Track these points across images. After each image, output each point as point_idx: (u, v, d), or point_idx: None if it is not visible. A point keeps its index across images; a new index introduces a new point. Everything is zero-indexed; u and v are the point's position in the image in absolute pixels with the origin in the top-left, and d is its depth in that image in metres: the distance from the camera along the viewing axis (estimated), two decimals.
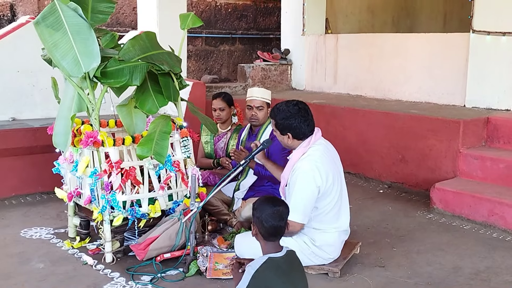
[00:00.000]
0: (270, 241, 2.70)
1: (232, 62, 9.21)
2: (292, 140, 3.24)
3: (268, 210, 2.68)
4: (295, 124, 3.20)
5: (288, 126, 3.21)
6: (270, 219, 2.66)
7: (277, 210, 2.68)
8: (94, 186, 3.52)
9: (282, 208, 2.71)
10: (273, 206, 2.69)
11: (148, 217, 3.66)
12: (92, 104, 3.54)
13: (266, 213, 2.67)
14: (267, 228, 2.67)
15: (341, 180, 3.36)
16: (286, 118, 3.21)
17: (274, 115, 3.27)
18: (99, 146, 3.50)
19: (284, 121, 3.21)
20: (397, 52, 6.48)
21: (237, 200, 4.27)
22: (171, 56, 3.77)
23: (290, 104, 3.26)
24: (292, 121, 3.20)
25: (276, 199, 2.79)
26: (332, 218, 3.30)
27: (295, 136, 3.23)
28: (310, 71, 7.63)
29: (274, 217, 2.67)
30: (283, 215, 2.70)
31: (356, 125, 5.87)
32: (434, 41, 6.16)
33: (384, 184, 5.58)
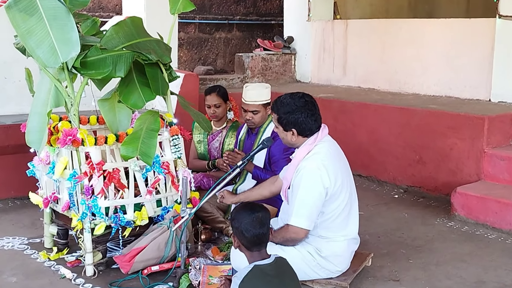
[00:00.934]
0: (255, 251, 2.72)
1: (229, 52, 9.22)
2: (296, 137, 3.24)
3: (246, 218, 2.71)
4: (301, 119, 3.21)
5: (293, 121, 3.21)
6: (250, 228, 2.69)
7: (256, 217, 2.71)
8: (73, 190, 3.52)
9: (262, 213, 2.74)
10: (251, 212, 2.72)
11: (133, 225, 3.67)
12: (71, 98, 3.54)
13: (245, 221, 2.70)
14: (249, 238, 2.70)
15: (351, 182, 3.37)
16: (291, 112, 3.21)
17: (277, 109, 3.27)
18: (79, 146, 3.50)
19: (289, 116, 3.21)
20: (414, 40, 6.48)
21: (234, 206, 4.26)
22: (159, 45, 3.77)
23: (296, 96, 3.26)
24: (297, 116, 3.20)
25: (254, 205, 2.82)
26: (341, 225, 3.31)
27: (300, 133, 3.23)
28: (317, 61, 7.63)
29: (254, 225, 2.69)
30: (264, 220, 2.73)
31: (367, 122, 5.87)
32: (455, 27, 6.17)
33: (399, 188, 5.59)
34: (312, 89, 6.97)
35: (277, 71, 7.75)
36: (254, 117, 4.14)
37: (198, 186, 4.41)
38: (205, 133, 4.70)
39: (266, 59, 7.67)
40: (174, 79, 3.94)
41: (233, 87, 7.29)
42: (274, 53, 7.75)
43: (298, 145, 3.29)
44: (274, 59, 7.74)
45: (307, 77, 7.77)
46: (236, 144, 4.44)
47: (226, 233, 4.19)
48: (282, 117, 3.23)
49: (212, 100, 4.60)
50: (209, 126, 4.24)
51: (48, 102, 3.51)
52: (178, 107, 4.82)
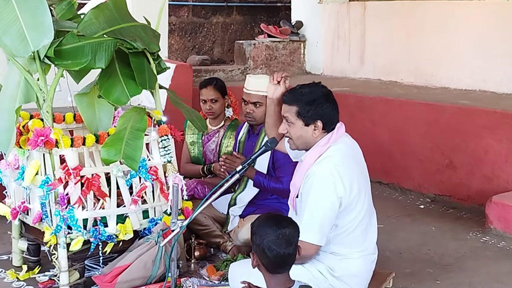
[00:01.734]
0: (276, 274, 2.69)
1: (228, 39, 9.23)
2: (320, 132, 3.22)
3: (270, 234, 2.66)
4: (328, 109, 3.20)
5: (321, 111, 3.18)
6: (274, 246, 2.65)
7: (282, 234, 2.67)
8: (45, 199, 3.51)
9: (290, 230, 2.70)
10: (277, 228, 2.67)
11: (116, 240, 3.66)
12: (43, 93, 3.54)
13: (268, 238, 2.65)
14: (272, 258, 2.66)
15: (369, 190, 3.35)
16: (318, 100, 3.19)
17: (296, 99, 3.22)
18: (52, 148, 3.50)
19: (317, 105, 3.18)
20: (443, 25, 6.48)
21: (233, 218, 4.27)
22: (146, 31, 3.77)
23: (317, 85, 3.27)
24: (325, 104, 3.19)
25: (281, 218, 2.79)
26: (357, 240, 3.29)
27: (326, 126, 3.22)
28: (330, 49, 7.63)
29: (279, 244, 2.65)
30: (292, 239, 2.68)
31: (389, 120, 5.87)
32: (491, 9, 6.15)
33: (425, 197, 5.58)
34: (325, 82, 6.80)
35: (283, 61, 7.75)
36: (255, 111, 4.14)
37: (191, 194, 4.41)
38: (200, 133, 4.70)
39: (270, 48, 7.67)
40: (164, 70, 3.93)
41: (232, 79, 7.30)
42: (280, 40, 7.75)
43: (312, 144, 3.26)
44: (280, 48, 7.74)
45: (319, 68, 7.77)
46: (235, 146, 4.44)
47: (224, 249, 4.19)
48: (305, 108, 3.19)
49: (208, 94, 4.60)
50: (204, 125, 4.24)
51: (17, 98, 3.50)
52: (168, 103, 4.81)
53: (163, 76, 4.39)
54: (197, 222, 4.16)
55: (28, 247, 3.96)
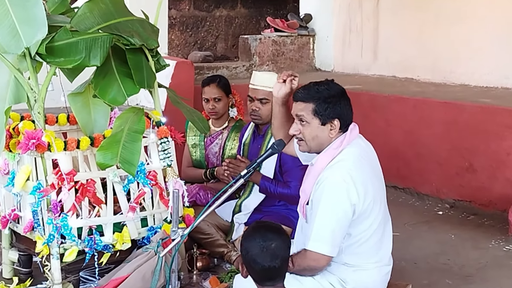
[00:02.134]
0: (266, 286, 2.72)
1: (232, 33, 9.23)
2: (337, 130, 3.22)
3: (255, 246, 2.71)
4: (347, 107, 3.21)
5: (339, 108, 3.18)
6: (258, 260, 2.69)
7: (266, 247, 2.70)
8: (37, 206, 3.51)
9: (277, 243, 2.72)
10: (262, 240, 2.71)
11: (113, 250, 3.66)
12: (35, 93, 3.55)
13: (253, 251, 2.70)
14: (258, 271, 2.71)
15: (384, 196, 3.35)
16: (337, 96, 3.19)
17: (311, 96, 3.20)
18: (44, 151, 3.50)
19: (336, 102, 3.18)
20: (462, 17, 6.46)
21: (238, 225, 4.27)
22: (144, 25, 3.77)
23: (332, 82, 3.27)
24: (343, 102, 3.20)
25: (269, 229, 2.81)
26: (372, 250, 3.28)
27: (343, 125, 3.22)
28: (341, 44, 7.62)
29: (263, 257, 2.69)
30: (278, 252, 2.72)
31: (404, 120, 5.87)
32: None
33: (444, 202, 5.57)
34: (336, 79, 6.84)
35: (291, 57, 7.75)
36: (261, 108, 4.14)
37: (193, 201, 4.42)
38: (202, 135, 4.70)
39: (278, 43, 7.67)
40: (163, 68, 3.93)
41: (236, 77, 7.30)
42: (287, 34, 7.75)
43: (325, 145, 3.25)
44: (288, 42, 7.74)
45: (329, 65, 7.76)
46: (239, 149, 4.44)
47: (228, 260, 4.19)
48: (323, 105, 3.18)
49: (211, 93, 4.60)
50: (206, 126, 4.24)
51: (6, 98, 3.51)
52: (168, 103, 4.82)
53: (162, 74, 4.39)
54: (199, 231, 4.15)
55: (19, 258, 3.97)
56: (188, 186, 4.40)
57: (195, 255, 4.07)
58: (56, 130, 4.03)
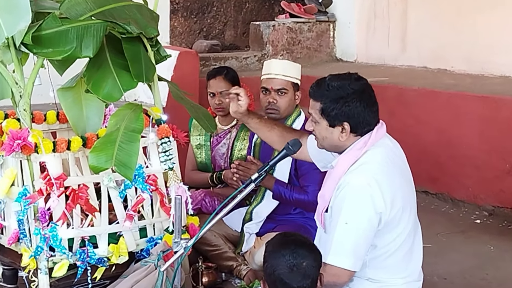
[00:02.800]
0: None
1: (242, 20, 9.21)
2: (347, 135, 3.21)
3: (283, 264, 2.68)
4: (360, 109, 3.17)
5: (346, 111, 3.16)
6: (286, 280, 2.67)
7: (298, 265, 2.68)
8: (23, 215, 3.51)
9: (308, 262, 2.71)
10: (292, 257, 2.69)
11: (108, 264, 3.66)
12: (20, 87, 3.55)
13: (280, 270, 2.68)
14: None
15: (414, 203, 3.34)
16: (346, 98, 3.16)
17: (321, 94, 3.21)
18: (31, 153, 3.50)
19: (342, 103, 3.16)
20: (503, 0, 6.41)
21: (248, 236, 4.28)
22: (142, 11, 3.78)
23: (349, 77, 3.24)
24: (355, 103, 3.16)
25: (299, 244, 2.79)
26: (400, 263, 3.27)
27: (355, 129, 3.20)
28: (365, 32, 7.61)
29: (293, 277, 2.67)
30: (309, 271, 2.70)
31: (437, 117, 5.86)
32: None
33: (482, 209, 5.56)
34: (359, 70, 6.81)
35: (309, 46, 7.75)
36: (279, 100, 4.14)
37: (197, 208, 4.41)
38: (207, 135, 4.70)
39: (293, 30, 7.68)
40: (164, 59, 3.94)
41: (247, 68, 7.31)
42: (304, 20, 7.75)
43: (343, 148, 3.25)
44: (305, 30, 7.74)
45: (352, 54, 7.75)
46: (249, 149, 4.43)
47: (238, 274, 4.20)
48: (330, 106, 3.18)
49: (218, 86, 4.61)
50: (213, 124, 4.25)
51: None
52: (170, 99, 4.83)
53: (163, 66, 4.40)
54: (205, 242, 4.18)
55: (3, 272, 3.98)
56: (193, 192, 4.40)
57: (200, 270, 4.07)
58: (44, 129, 4.05)
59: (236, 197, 3.33)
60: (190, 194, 3.92)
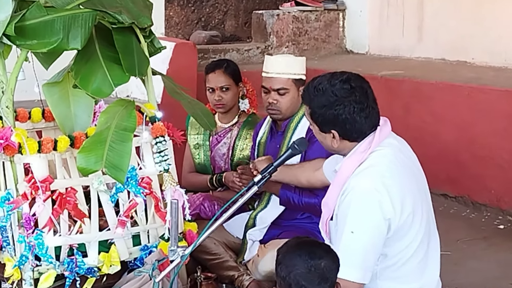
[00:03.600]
0: None
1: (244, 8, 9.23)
2: (338, 141, 3.24)
3: (300, 265, 2.68)
4: (345, 116, 3.19)
5: (331, 118, 3.20)
6: (303, 282, 2.67)
7: (316, 266, 2.68)
8: (6, 221, 3.53)
9: (327, 262, 2.71)
10: (310, 258, 2.70)
11: (98, 274, 3.67)
12: (2, 83, 3.57)
13: (297, 270, 2.68)
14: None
15: (428, 207, 3.35)
16: (329, 106, 3.19)
17: (309, 98, 3.26)
18: (14, 154, 3.51)
19: (326, 110, 3.19)
20: None
21: (252, 243, 4.27)
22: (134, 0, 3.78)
23: (337, 79, 3.24)
24: (339, 110, 3.18)
25: (316, 245, 2.80)
26: (413, 273, 3.28)
27: (345, 135, 3.22)
28: (378, 21, 7.61)
29: (311, 279, 2.67)
30: (328, 274, 2.71)
31: (456, 113, 5.86)
32: None
33: (506, 214, 5.56)
34: (372, 63, 6.97)
35: (316, 37, 7.76)
36: (280, 100, 4.14)
37: (196, 213, 4.43)
38: (206, 133, 4.71)
39: (299, 19, 7.68)
40: (158, 51, 3.95)
41: (249, 62, 7.31)
42: (312, 9, 7.75)
43: (343, 152, 3.27)
44: (312, 19, 7.74)
45: (363, 46, 7.75)
46: (253, 149, 4.43)
47: (239, 285, 4.19)
48: (317, 113, 3.23)
49: (217, 81, 4.61)
50: (212, 121, 4.25)
51: None
52: (166, 94, 4.83)
53: (158, 59, 4.40)
54: (204, 250, 4.17)
55: None
56: (190, 196, 4.40)
57: (199, 280, 4.08)
58: (29, 128, 4.06)
59: (237, 201, 3.34)
60: (188, 198, 3.91)
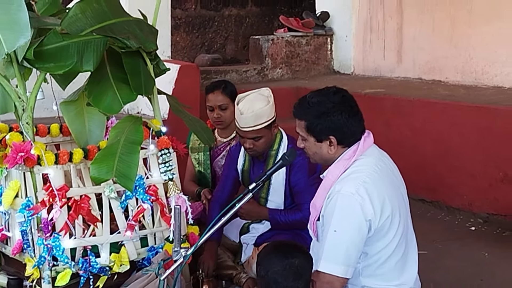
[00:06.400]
0: None
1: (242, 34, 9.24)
2: (335, 148, 3.23)
3: (276, 264, 2.70)
4: (342, 121, 3.19)
5: (329, 124, 3.20)
6: (280, 279, 2.69)
7: (290, 264, 2.70)
8: (26, 226, 3.51)
9: (300, 261, 2.73)
10: (284, 257, 2.72)
11: (110, 273, 3.66)
12: (23, 102, 3.56)
13: (274, 269, 2.70)
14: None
15: (406, 211, 3.33)
16: (327, 113, 3.19)
17: (304, 113, 3.25)
18: (34, 165, 3.50)
19: (324, 118, 3.19)
20: (496, 12, 6.43)
21: (246, 246, 4.26)
22: (141, 27, 3.79)
23: (329, 91, 3.26)
24: (337, 116, 3.19)
25: (290, 246, 2.81)
26: (393, 271, 3.26)
27: (341, 140, 3.22)
28: (362, 45, 7.61)
29: (285, 276, 2.69)
30: (301, 271, 2.72)
31: (432, 127, 5.85)
32: None
33: (477, 217, 5.55)
34: (356, 82, 6.96)
35: (307, 59, 7.76)
36: (256, 144, 4.07)
37: (197, 218, 4.39)
38: (206, 150, 4.68)
39: (292, 43, 7.69)
40: (163, 72, 3.95)
41: (247, 81, 7.31)
42: (303, 34, 7.76)
43: (332, 160, 3.27)
44: (303, 43, 7.74)
45: (349, 67, 7.75)
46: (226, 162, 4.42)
47: (237, 282, 4.17)
48: (314, 122, 3.21)
49: (216, 100, 4.59)
50: (211, 137, 4.25)
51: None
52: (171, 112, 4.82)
53: (165, 80, 4.41)
54: None
55: (8, 282, 3.94)
56: (193, 203, 4.39)
57: (201, 278, 4.05)
58: (48, 142, 4.05)
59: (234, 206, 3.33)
60: (190, 204, 3.90)
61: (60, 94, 3.95)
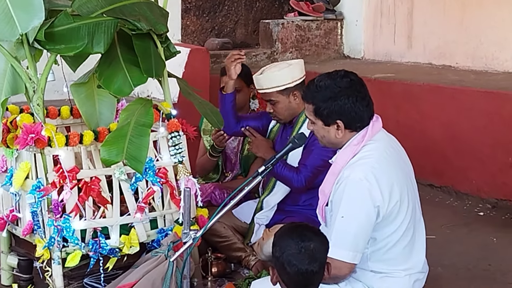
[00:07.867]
0: None
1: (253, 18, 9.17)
2: (343, 132, 3.22)
3: (292, 246, 2.67)
4: (349, 105, 3.18)
5: (337, 109, 3.18)
6: (295, 261, 2.65)
7: (306, 247, 2.66)
8: (37, 207, 3.51)
9: (316, 244, 2.69)
10: (300, 240, 2.68)
11: (119, 254, 3.66)
12: (33, 83, 3.55)
13: (289, 251, 2.66)
14: (292, 275, 2.66)
15: (414, 196, 3.32)
16: (334, 97, 3.18)
17: (312, 96, 3.24)
18: (44, 147, 3.50)
19: (331, 102, 3.18)
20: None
21: (258, 227, 4.25)
22: (152, 9, 3.76)
23: (337, 75, 3.24)
24: (343, 101, 3.17)
25: (307, 229, 2.78)
26: (401, 255, 3.26)
27: (349, 125, 3.20)
28: (372, 29, 7.57)
29: (301, 259, 2.65)
30: (317, 254, 2.68)
31: (442, 112, 5.82)
32: None
33: (485, 202, 5.52)
34: (366, 67, 6.92)
35: (317, 44, 7.72)
36: (274, 109, 4.15)
37: (207, 200, 4.41)
38: None
39: (302, 28, 7.64)
40: (173, 55, 3.93)
41: (257, 65, 7.24)
42: (313, 19, 7.71)
43: (340, 145, 3.25)
44: (314, 28, 7.70)
45: (359, 51, 7.71)
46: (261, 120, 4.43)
47: (246, 265, 4.18)
48: (321, 106, 3.20)
49: None
50: (220, 120, 4.21)
51: (3, 88, 3.52)
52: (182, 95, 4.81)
53: (175, 63, 4.39)
54: (214, 233, 4.15)
55: (18, 263, 3.97)
56: (202, 185, 4.40)
57: (210, 260, 4.06)
58: (59, 124, 4.06)
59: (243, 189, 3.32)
60: (200, 187, 3.91)
61: (71, 76, 3.94)
